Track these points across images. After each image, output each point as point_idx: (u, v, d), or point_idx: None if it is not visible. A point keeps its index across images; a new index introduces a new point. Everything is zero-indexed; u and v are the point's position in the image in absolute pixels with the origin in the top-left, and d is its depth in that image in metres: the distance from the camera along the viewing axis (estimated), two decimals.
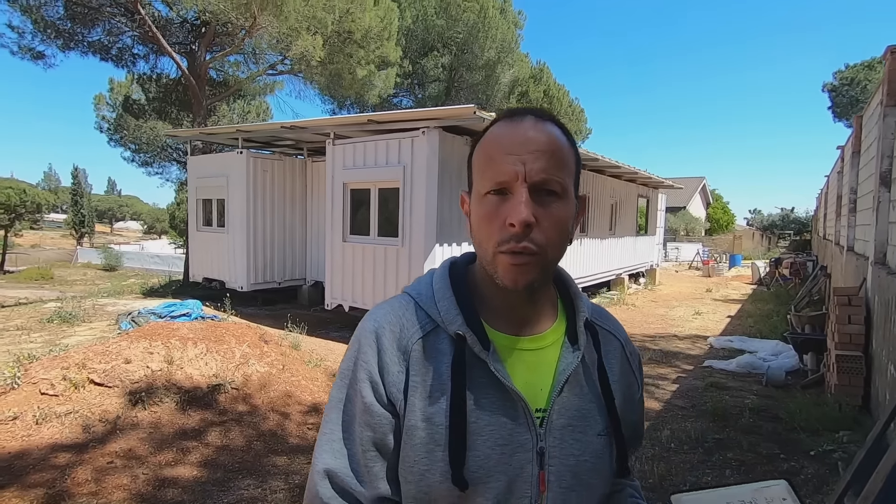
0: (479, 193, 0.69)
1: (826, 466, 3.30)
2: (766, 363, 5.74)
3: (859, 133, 6.71)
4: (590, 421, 0.73)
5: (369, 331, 0.72)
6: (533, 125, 0.68)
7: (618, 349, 0.82)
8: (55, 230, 45.70)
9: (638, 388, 0.84)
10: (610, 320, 0.85)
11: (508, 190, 0.66)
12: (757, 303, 10.95)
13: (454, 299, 0.72)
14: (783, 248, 25.54)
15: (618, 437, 0.74)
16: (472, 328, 0.69)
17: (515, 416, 0.69)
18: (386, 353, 0.70)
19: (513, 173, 0.65)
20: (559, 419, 0.71)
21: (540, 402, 0.71)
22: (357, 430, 0.69)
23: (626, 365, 0.82)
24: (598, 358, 0.77)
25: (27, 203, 24.00)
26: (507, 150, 0.66)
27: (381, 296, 6.85)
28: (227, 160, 9.09)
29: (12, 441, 3.11)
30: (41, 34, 10.83)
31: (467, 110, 5.78)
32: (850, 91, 24.77)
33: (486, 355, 0.68)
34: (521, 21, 17.64)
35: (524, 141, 0.66)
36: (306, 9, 9.85)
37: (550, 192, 0.66)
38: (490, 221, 0.67)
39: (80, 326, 6.96)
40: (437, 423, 0.67)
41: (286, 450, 3.47)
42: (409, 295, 0.76)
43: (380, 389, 0.69)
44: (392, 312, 0.73)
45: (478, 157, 0.71)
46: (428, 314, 0.72)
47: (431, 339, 0.71)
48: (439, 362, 0.69)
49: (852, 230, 6.91)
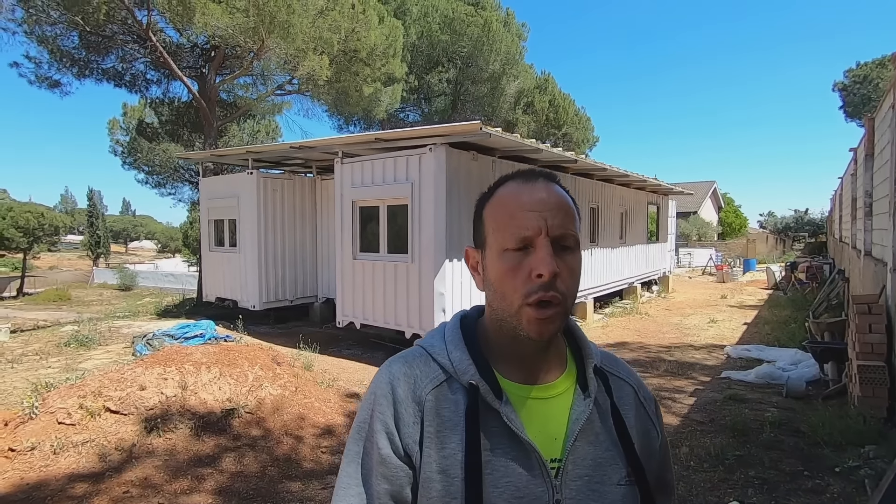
0: (500, 249, 0.72)
1: (853, 484, 3.20)
2: (785, 373, 5.62)
3: (872, 135, 6.61)
4: (607, 470, 0.72)
5: (384, 382, 0.73)
6: (545, 186, 0.73)
7: (631, 395, 0.81)
8: (72, 251, 46.54)
9: (657, 434, 0.82)
10: (620, 366, 0.85)
11: (531, 244, 0.69)
12: (773, 309, 10.76)
13: (466, 350, 0.74)
14: (798, 251, 25.14)
15: (641, 485, 0.73)
16: (485, 378, 0.71)
17: (530, 466, 0.68)
18: (401, 405, 0.70)
19: (536, 228, 0.69)
20: (575, 469, 0.70)
21: (554, 452, 0.71)
22: (374, 482, 0.69)
23: (642, 410, 0.81)
24: (612, 404, 0.77)
25: (45, 226, 24.52)
26: (528, 208, 0.70)
27: (392, 312, 6.85)
28: (237, 181, 9.21)
29: (31, 472, 3.14)
30: (57, 63, 11.15)
31: (474, 126, 5.81)
32: (863, 89, 24.50)
33: (499, 405, 0.69)
34: (524, 33, 17.77)
35: (542, 199, 0.71)
36: (312, 30, 10.02)
37: (565, 247, 0.70)
38: (514, 275, 0.69)
39: (96, 350, 7.05)
40: (453, 475, 0.67)
41: (300, 475, 3.46)
42: (422, 347, 0.78)
43: (396, 441, 0.69)
44: (406, 364, 0.75)
45: (494, 214, 0.74)
46: (441, 365, 0.74)
47: (444, 389, 0.72)
48: (453, 412, 0.70)
49: (869, 234, 6.78)
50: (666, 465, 0.85)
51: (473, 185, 6.84)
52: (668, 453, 0.86)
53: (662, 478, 0.83)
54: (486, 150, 7.03)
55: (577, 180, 9.55)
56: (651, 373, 6.08)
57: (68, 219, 30.28)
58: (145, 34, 10.19)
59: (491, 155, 7.19)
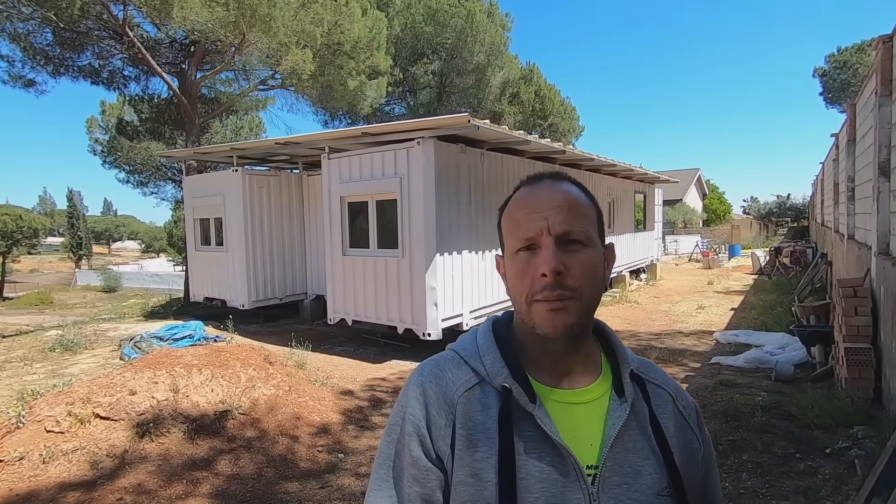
0: (511, 253, 0.74)
1: (843, 465, 3.26)
2: (773, 357, 5.71)
3: (853, 121, 6.70)
4: (646, 479, 0.70)
5: (416, 384, 0.73)
6: (550, 186, 0.75)
7: (669, 403, 0.78)
8: (53, 254, 45.61)
9: (700, 445, 0.78)
10: (657, 372, 0.82)
11: (536, 245, 0.71)
12: (759, 293, 10.93)
13: (499, 353, 0.73)
14: (782, 236, 25.57)
15: (680, 497, 0.70)
16: (518, 381, 0.70)
17: (566, 472, 0.67)
18: (433, 407, 0.70)
19: (538, 229, 0.70)
20: (612, 476, 0.68)
21: (590, 458, 0.69)
22: (406, 486, 0.68)
23: (682, 420, 0.78)
24: (650, 411, 0.74)
25: (23, 228, 23.95)
26: (530, 210, 0.72)
27: (384, 308, 6.82)
28: (222, 179, 9.06)
29: (20, 482, 3.07)
30: (31, 61, 10.83)
31: (462, 119, 5.76)
32: (843, 75, 24.87)
33: (532, 408, 0.68)
34: (508, 24, 17.69)
35: (544, 199, 0.72)
36: (295, 23, 9.85)
37: (575, 242, 0.70)
38: (523, 275, 0.71)
39: (82, 354, 6.91)
40: (486, 479, 0.66)
41: (297, 475, 3.43)
42: (455, 350, 0.78)
43: (427, 443, 0.69)
44: (438, 367, 0.75)
45: (506, 221, 0.77)
46: (473, 368, 0.74)
47: (477, 392, 0.71)
48: (485, 416, 0.69)
49: (852, 218, 6.90)
50: (711, 481, 0.80)
51: (462, 178, 6.81)
52: (713, 467, 0.81)
53: (707, 493, 0.79)
54: (474, 143, 6.99)
55: (565, 171, 9.55)
56: None
57: (48, 220, 29.60)
58: (122, 29, 9.93)
59: (479, 147, 7.15)
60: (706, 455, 0.79)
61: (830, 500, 2.91)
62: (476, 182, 7.07)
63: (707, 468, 0.79)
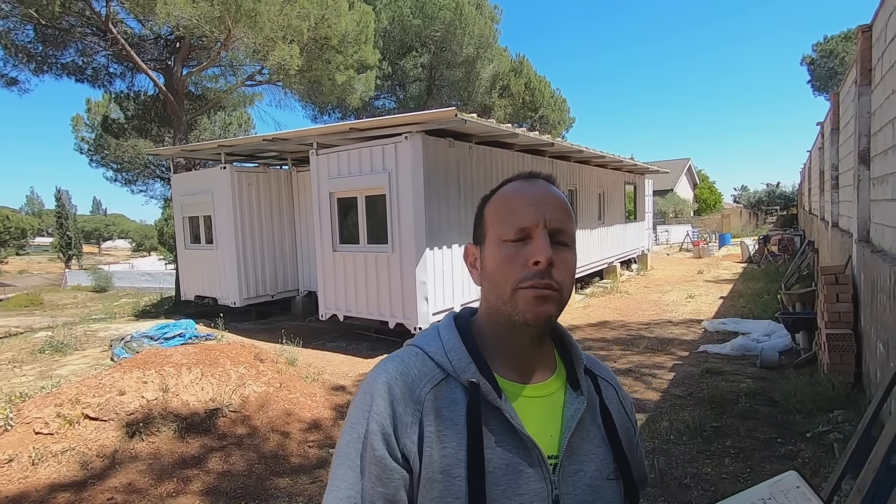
0: (498, 240, 0.74)
1: (822, 448, 3.34)
2: (759, 344, 5.81)
3: (837, 110, 6.77)
4: (597, 464, 0.74)
5: (381, 382, 0.71)
6: (546, 185, 0.78)
7: (613, 395, 0.84)
8: (42, 254, 45.10)
9: (634, 432, 0.86)
10: (602, 368, 0.87)
11: (529, 236, 0.72)
12: (748, 282, 11.06)
13: (465, 348, 0.74)
14: (771, 225, 25.80)
15: (626, 480, 0.76)
16: (485, 376, 0.71)
17: (531, 462, 0.69)
18: (399, 405, 0.69)
19: (535, 220, 0.72)
20: (571, 465, 0.72)
21: (551, 448, 0.72)
22: (367, 485, 0.67)
23: (622, 410, 0.84)
24: (601, 402, 0.80)
25: (11, 229, 23.72)
26: (528, 202, 0.74)
27: (375, 303, 6.84)
28: (210, 176, 9.01)
29: (9, 484, 3.08)
30: (13, 59, 10.67)
31: (449, 113, 5.77)
32: (829, 63, 25.02)
33: (500, 402, 0.70)
34: (497, 15, 17.62)
35: (542, 195, 0.75)
36: (281, 18, 9.76)
37: (561, 243, 0.73)
38: (511, 263, 0.71)
39: (72, 355, 6.88)
40: (455, 474, 0.66)
41: (288, 470, 3.46)
42: (418, 346, 0.77)
43: (392, 443, 0.67)
44: (403, 364, 0.74)
45: (496, 209, 0.77)
46: (438, 364, 0.74)
47: (443, 389, 0.72)
48: (453, 411, 0.70)
49: (836, 206, 7.00)
50: (641, 458, 0.89)
51: (451, 172, 6.81)
52: (641, 447, 0.90)
53: (640, 471, 0.87)
54: (462, 137, 7.00)
55: (554, 163, 9.59)
56: (632, 350, 6.21)
57: (36, 221, 29.31)
58: (105, 26, 9.79)
59: (468, 141, 7.16)
60: (638, 439, 0.88)
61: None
62: (465, 176, 7.08)
63: (639, 450, 0.88)
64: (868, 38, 4.32)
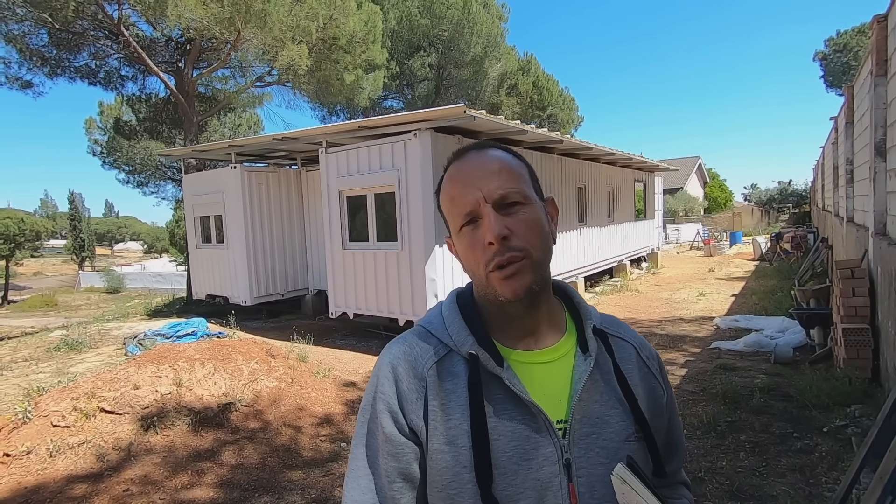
0: (456, 230, 0.75)
1: (840, 442, 3.29)
2: (773, 341, 5.74)
3: (851, 103, 6.68)
4: (614, 427, 0.73)
5: (386, 363, 0.74)
6: (476, 156, 0.75)
7: (633, 354, 0.82)
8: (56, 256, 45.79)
9: (663, 392, 0.82)
10: (621, 326, 0.85)
11: (478, 216, 0.71)
12: (760, 279, 10.93)
13: (463, 322, 0.75)
14: (783, 223, 25.50)
15: (649, 441, 0.74)
16: (484, 346, 0.72)
17: (537, 428, 0.69)
18: (403, 382, 0.71)
19: (474, 200, 0.71)
20: (581, 428, 0.71)
21: (560, 413, 0.72)
22: (381, 462, 0.70)
23: (645, 369, 0.81)
24: (613, 363, 0.77)
25: (26, 231, 24.05)
26: (462, 184, 0.73)
27: (385, 301, 6.85)
28: (221, 176, 9.09)
29: (28, 476, 3.12)
30: (27, 63, 10.83)
31: (458, 110, 5.77)
32: (843, 58, 24.68)
33: (500, 371, 0.70)
34: (505, 14, 17.59)
35: (473, 171, 0.73)
36: (290, 18, 9.82)
37: (513, 203, 0.71)
38: (473, 249, 0.72)
39: (87, 353, 6.97)
40: (461, 444, 0.68)
41: (301, 464, 3.48)
42: (422, 325, 0.80)
43: (400, 419, 0.70)
44: (405, 343, 0.76)
45: (443, 202, 0.77)
46: (440, 340, 0.75)
47: (446, 363, 0.73)
48: (455, 384, 0.71)
49: (851, 201, 6.89)
50: (674, 423, 0.85)
51: None
52: (675, 411, 0.86)
53: (670, 436, 0.83)
54: (471, 134, 7.00)
55: (563, 161, 9.55)
56: None
57: (50, 223, 29.71)
58: (117, 29, 9.92)
59: (476, 138, 7.15)
60: (669, 400, 0.83)
61: (826, 476, 2.94)
62: None
63: (670, 412, 0.84)
64: (884, 27, 4.26)
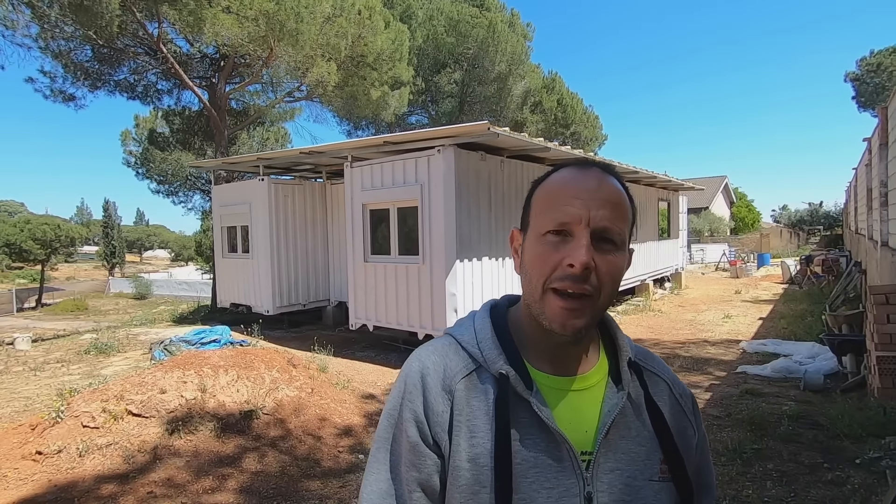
0: (538, 232, 0.70)
1: (873, 475, 3.16)
2: (802, 367, 5.56)
3: (885, 124, 6.52)
4: (640, 465, 0.70)
5: (415, 371, 0.73)
6: (599, 175, 0.71)
7: (665, 391, 0.79)
8: (88, 262, 47.33)
9: (694, 432, 0.78)
10: (655, 361, 0.82)
11: (569, 232, 0.67)
12: (789, 303, 10.63)
13: (496, 339, 0.73)
14: (814, 245, 24.78)
15: (680, 482, 0.70)
16: (515, 368, 0.70)
17: (560, 458, 0.68)
18: (431, 393, 0.70)
19: (577, 216, 0.67)
20: (606, 462, 0.69)
21: (586, 444, 0.69)
22: (403, 470, 0.69)
23: (678, 407, 0.78)
24: (647, 397, 0.75)
25: (62, 237, 25.00)
26: (573, 195, 0.68)
27: (405, 314, 6.89)
28: (249, 188, 9.33)
29: (58, 474, 3.23)
30: (72, 77, 11.40)
31: (481, 127, 5.84)
32: (876, 78, 24.13)
33: (529, 395, 0.68)
34: (530, 33, 17.80)
35: (591, 188, 0.69)
36: (320, 37, 10.14)
37: (609, 241, 0.67)
38: (546, 259, 0.68)
39: (115, 357, 7.18)
40: (482, 464, 0.66)
41: (319, 474, 3.51)
42: (452, 336, 0.77)
43: (425, 429, 0.69)
44: (436, 353, 0.74)
45: (541, 197, 0.73)
46: (470, 354, 0.73)
47: (474, 379, 0.71)
48: (482, 402, 0.69)
49: (885, 224, 6.69)
50: (705, 466, 0.81)
51: (482, 185, 6.87)
52: (707, 453, 0.82)
53: (699, 477, 0.78)
54: (494, 150, 7.05)
55: None
56: None
57: (84, 230, 30.82)
58: (156, 45, 10.38)
59: (499, 155, 7.21)
60: (700, 441, 0.80)
61: None
62: (496, 189, 7.12)
63: (701, 454, 0.80)
64: None
